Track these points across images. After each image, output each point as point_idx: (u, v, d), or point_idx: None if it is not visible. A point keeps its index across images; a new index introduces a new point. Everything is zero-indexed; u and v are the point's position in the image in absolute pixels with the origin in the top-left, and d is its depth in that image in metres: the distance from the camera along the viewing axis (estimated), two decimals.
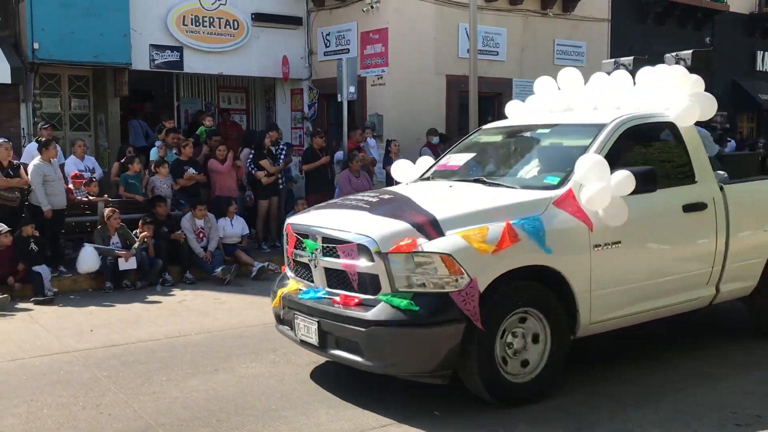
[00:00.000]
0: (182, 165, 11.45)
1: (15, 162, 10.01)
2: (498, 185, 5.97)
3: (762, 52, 21.28)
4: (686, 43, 19.12)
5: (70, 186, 10.67)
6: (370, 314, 5.02)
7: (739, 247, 6.32)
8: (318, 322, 5.35)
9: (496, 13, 15.28)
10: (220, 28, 14.28)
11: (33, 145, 10.90)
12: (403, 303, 4.92)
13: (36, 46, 12.49)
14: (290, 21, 15.23)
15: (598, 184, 5.34)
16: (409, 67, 14.26)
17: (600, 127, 5.94)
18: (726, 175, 6.78)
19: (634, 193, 5.48)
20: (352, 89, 12.87)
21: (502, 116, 15.47)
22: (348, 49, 14.56)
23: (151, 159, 12.02)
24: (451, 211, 5.32)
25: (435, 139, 13.14)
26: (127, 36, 13.28)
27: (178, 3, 13.89)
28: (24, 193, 9.88)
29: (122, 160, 11.72)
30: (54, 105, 14.01)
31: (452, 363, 4.99)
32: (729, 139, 17.60)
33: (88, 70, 14.01)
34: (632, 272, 5.70)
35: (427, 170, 7.04)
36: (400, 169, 7.25)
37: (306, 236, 5.66)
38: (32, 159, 10.10)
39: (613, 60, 8.21)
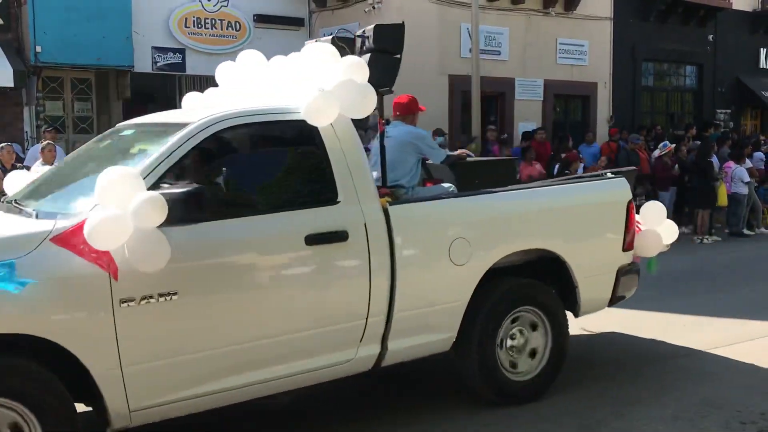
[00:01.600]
0: None
1: (18, 165, 10.02)
2: (19, 210, 4.31)
3: (765, 49, 21.22)
4: (689, 41, 19.14)
5: None
6: None
7: (415, 289, 4.72)
8: None
9: (498, 12, 15.27)
10: (222, 29, 14.30)
11: (36, 148, 10.93)
12: None
13: (38, 49, 12.54)
14: (292, 22, 15.26)
15: (113, 211, 3.67)
16: (412, 66, 14.15)
17: (180, 128, 4.32)
18: (452, 188, 6.03)
19: (185, 221, 3.90)
20: None
21: (506, 116, 15.73)
22: None
23: None
24: None
25: (440, 139, 13.10)
26: (129, 38, 13.31)
27: (180, 5, 13.92)
28: None
29: None
30: (57, 108, 14.05)
31: None
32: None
33: (91, 73, 14.05)
34: (206, 334, 4.08)
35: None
36: (11, 181, 5.25)
37: None
38: (35, 162, 10.11)
39: (314, 40, 6.50)
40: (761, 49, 21.10)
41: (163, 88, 15.98)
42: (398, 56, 6.05)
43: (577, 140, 15.52)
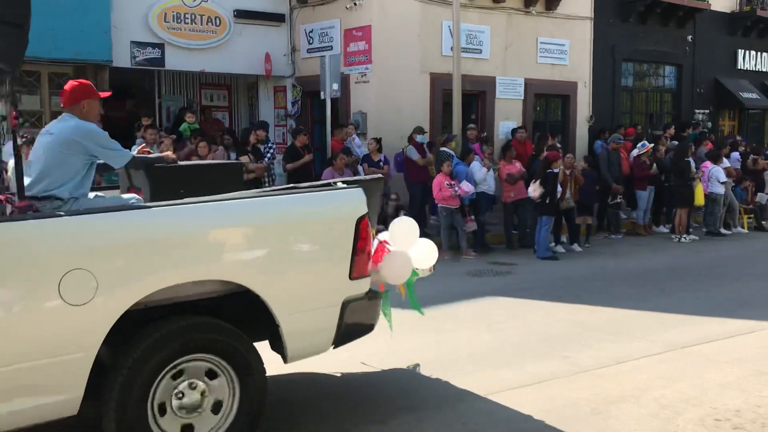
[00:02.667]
0: None
1: None
2: None
3: (743, 50, 21.43)
4: (669, 41, 19.28)
5: None
6: None
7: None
8: None
9: (479, 10, 15.28)
10: (201, 24, 14.19)
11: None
12: None
13: None
14: (273, 18, 15.17)
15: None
16: (393, 64, 14.23)
17: None
18: (135, 200, 4.94)
19: None
20: (335, 87, 12.85)
21: (486, 115, 15.75)
22: (331, 47, 14.51)
23: None
24: None
25: (421, 138, 13.11)
26: (107, 33, 13.17)
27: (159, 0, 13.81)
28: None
29: None
30: (34, 102, 13.87)
31: None
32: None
33: (69, 68, 13.87)
34: None
35: None
36: None
37: None
38: (11, 158, 9.98)
39: None
40: (739, 50, 21.30)
41: (142, 83, 15.85)
42: (23, 28, 4.78)
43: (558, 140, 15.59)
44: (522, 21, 16.09)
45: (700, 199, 13.80)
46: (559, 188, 11.92)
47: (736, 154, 15.91)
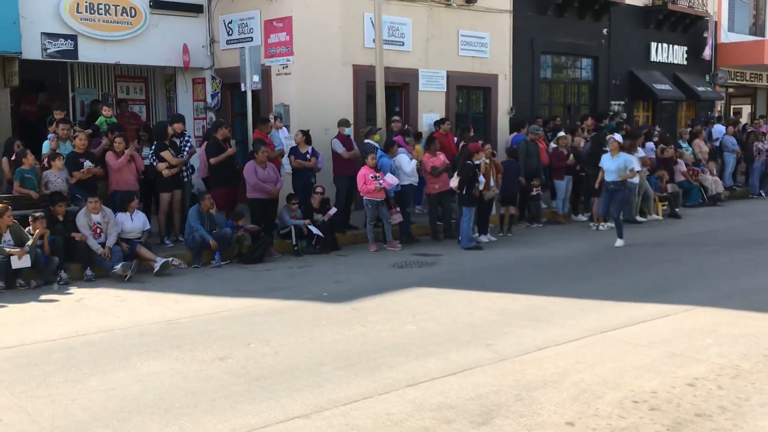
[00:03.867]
0: (78, 157, 10.98)
1: None
2: None
3: (656, 43, 22.13)
4: (585, 34, 19.75)
5: None
6: None
7: None
8: None
9: (400, 3, 15.29)
10: (116, 15, 13.73)
11: None
12: None
13: None
14: (190, 8, 14.81)
15: None
16: (315, 56, 14.11)
17: None
18: None
19: None
20: (256, 79, 12.64)
21: (410, 107, 15.80)
22: (251, 38, 14.28)
23: (43, 152, 11.46)
24: None
25: (347, 130, 13.04)
26: (16, 24, 12.61)
27: None
28: None
29: (13, 156, 11.09)
30: None
31: None
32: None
33: None
34: None
35: None
36: None
37: None
38: None
39: None
40: (652, 43, 21.99)
41: (55, 76, 15.27)
42: None
43: (480, 132, 15.78)
44: (443, 13, 16.20)
45: None
46: (483, 179, 12.05)
47: (650, 144, 16.41)
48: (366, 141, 12.75)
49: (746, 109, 27.93)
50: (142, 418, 5.01)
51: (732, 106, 27.29)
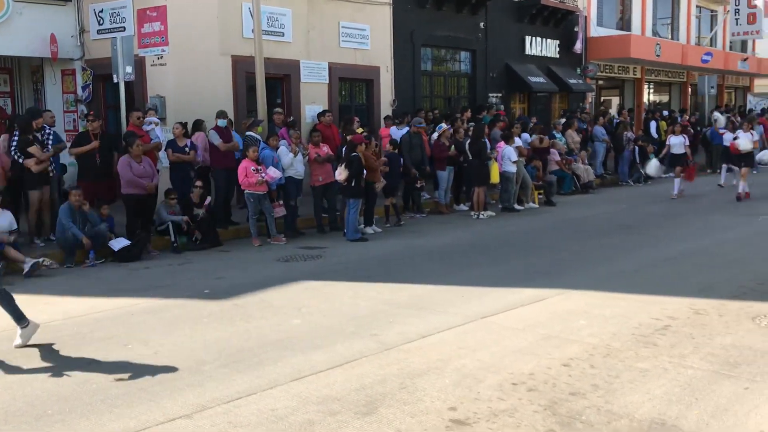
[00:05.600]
0: None
1: None
2: None
3: (530, 37, 22.87)
4: (463, 28, 20.17)
5: None
6: None
7: None
8: None
9: None
10: None
11: None
12: None
13: None
14: None
15: None
16: (192, 46, 13.73)
17: None
18: None
19: None
20: (129, 70, 12.18)
21: (292, 98, 15.65)
22: (123, 27, 13.75)
23: None
24: None
25: (222, 122, 12.73)
26: None
27: None
28: None
29: None
30: None
31: None
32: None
33: None
34: None
35: None
36: None
37: None
38: None
39: None
40: (526, 36, 22.71)
41: None
42: None
43: (363, 122, 15.82)
44: (324, 5, 16.12)
45: (495, 178, 14.59)
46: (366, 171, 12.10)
47: (526, 135, 16.95)
48: (248, 133, 12.53)
49: (615, 101, 29.34)
50: (10, 427, 4.73)
51: (602, 98, 28.60)
